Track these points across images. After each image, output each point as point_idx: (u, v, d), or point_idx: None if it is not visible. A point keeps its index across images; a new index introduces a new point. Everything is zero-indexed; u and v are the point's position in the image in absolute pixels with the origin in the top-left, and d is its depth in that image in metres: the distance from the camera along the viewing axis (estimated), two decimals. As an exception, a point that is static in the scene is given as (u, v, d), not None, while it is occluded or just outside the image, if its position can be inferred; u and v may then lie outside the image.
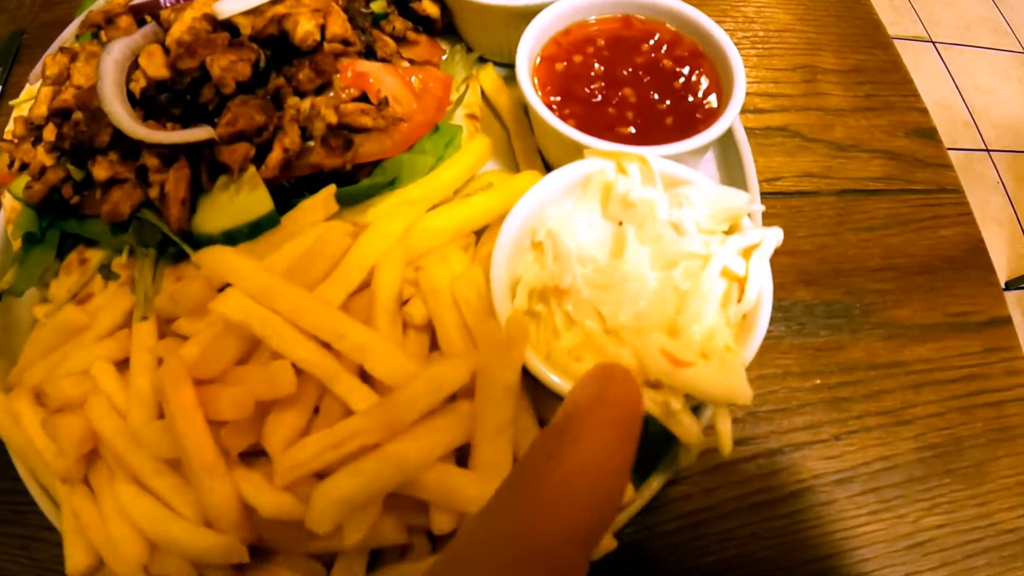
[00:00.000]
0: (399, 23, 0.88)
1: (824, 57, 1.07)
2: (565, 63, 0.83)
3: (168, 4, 0.85)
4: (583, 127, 0.78)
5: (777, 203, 0.94)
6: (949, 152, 1.05)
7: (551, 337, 0.65)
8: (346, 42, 0.81)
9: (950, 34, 2.80)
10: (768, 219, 0.92)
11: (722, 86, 0.83)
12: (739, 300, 0.66)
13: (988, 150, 2.58)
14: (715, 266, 0.65)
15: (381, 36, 0.87)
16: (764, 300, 0.64)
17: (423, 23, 0.90)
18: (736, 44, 1.02)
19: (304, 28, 0.78)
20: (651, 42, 0.85)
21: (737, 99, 0.78)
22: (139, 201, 0.76)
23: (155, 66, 0.80)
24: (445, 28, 0.92)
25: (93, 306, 0.77)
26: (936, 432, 0.83)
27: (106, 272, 0.81)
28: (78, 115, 0.81)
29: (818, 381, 0.85)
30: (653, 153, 0.72)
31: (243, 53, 0.79)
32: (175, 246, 0.75)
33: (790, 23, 1.10)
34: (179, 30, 0.81)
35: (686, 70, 0.83)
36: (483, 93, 0.91)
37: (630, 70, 0.83)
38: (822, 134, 1.01)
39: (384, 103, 0.79)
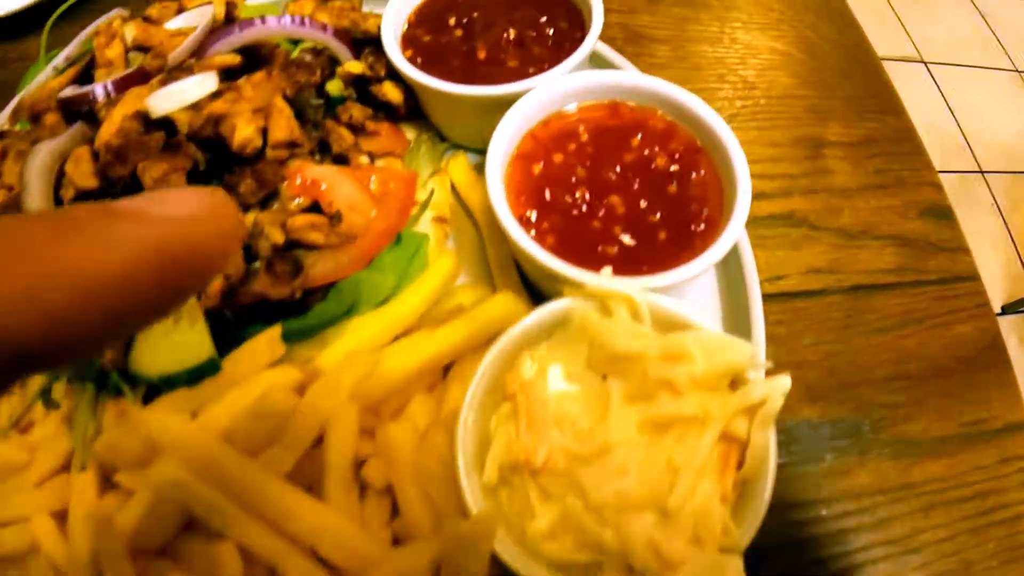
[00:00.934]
0: (357, 111, 0.77)
1: (831, 127, 0.98)
2: (543, 164, 0.72)
3: (99, 96, 0.73)
4: (563, 244, 0.68)
5: (781, 306, 0.85)
6: (942, 176, 0.97)
7: (525, 515, 0.57)
8: (293, 144, 0.70)
9: (941, 53, 2.72)
10: (772, 326, 0.83)
11: (723, 187, 0.73)
12: (738, 465, 0.58)
13: (982, 172, 2.51)
14: (712, 432, 0.57)
15: (336, 127, 0.76)
16: (767, 467, 0.57)
17: (384, 109, 0.79)
18: (735, 114, 0.93)
19: (242, 134, 0.67)
20: (641, 135, 0.75)
21: (741, 209, 0.68)
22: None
23: (82, 174, 0.69)
24: (410, 112, 0.81)
25: (33, 440, 0.70)
26: (945, 559, 0.76)
27: (46, 398, 0.72)
28: None
29: (823, 512, 0.77)
30: (643, 286, 0.63)
31: (178, 161, 0.68)
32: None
33: (793, 87, 1.00)
34: (108, 132, 0.70)
35: (682, 171, 0.73)
36: (453, 188, 0.80)
37: (618, 171, 0.72)
38: (829, 220, 0.91)
39: (338, 217, 0.69)
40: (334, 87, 0.81)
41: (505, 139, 0.71)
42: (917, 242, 0.93)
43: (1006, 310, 2.41)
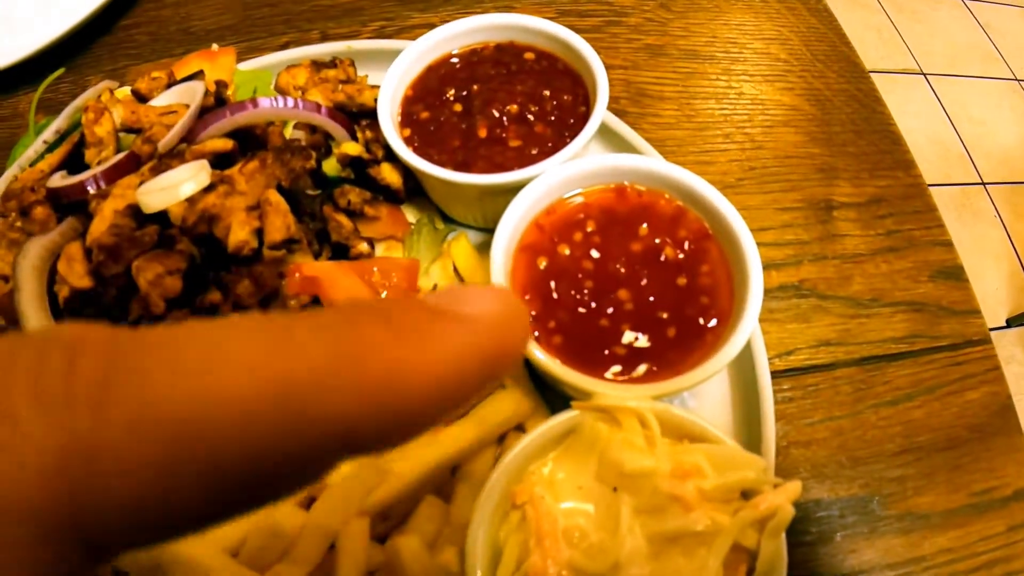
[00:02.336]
0: (355, 195, 0.75)
1: (841, 187, 0.95)
2: (548, 259, 0.70)
3: (89, 189, 0.71)
4: (570, 344, 0.66)
5: (791, 382, 0.83)
6: (944, 188, 0.96)
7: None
8: (291, 241, 0.68)
9: (941, 64, 2.68)
10: (781, 404, 0.82)
11: (733, 275, 0.71)
12: (748, 573, 0.58)
13: (984, 183, 2.49)
14: (722, 546, 0.56)
15: (334, 215, 0.73)
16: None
17: (383, 192, 0.77)
18: (743, 178, 0.91)
19: (237, 238, 0.65)
20: (649, 222, 0.73)
21: (754, 303, 0.67)
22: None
23: (76, 275, 0.67)
24: (410, 193, 0.78)
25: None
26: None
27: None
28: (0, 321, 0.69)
29: (831, 595, 0.76)
30: (653, 394, 0.62)
31: (172, 260, 0.66)
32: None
33: (802, 145, 0.98)
34: (99, 228, 0.68)
35: (692, 260, 0.71)
36: (456, 270, 0.78)
37: (625, 261, 0.70)
38: (840, 289, 0.90)
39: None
40: (331, 166, 0.78)
41: (508, 231, 0.69)
42: (928, 307, 0.91)
43: (1011, 323, 2.40)
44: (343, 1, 1.15)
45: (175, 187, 0.67)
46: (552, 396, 0.70)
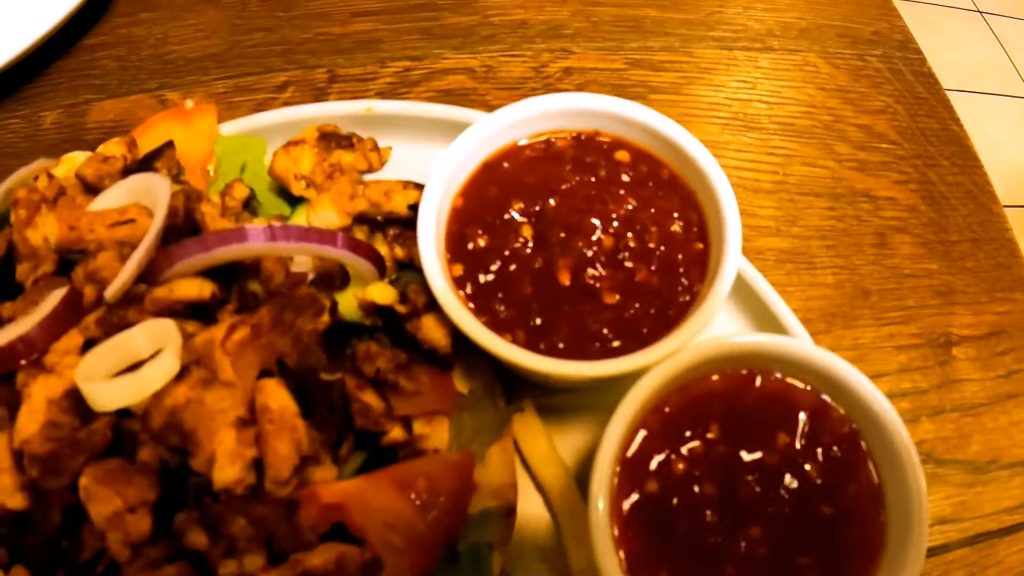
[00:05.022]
0: (384, 360, 0.53)
1: (960, 315, 0.79)
2: (658, 480, 0.51)
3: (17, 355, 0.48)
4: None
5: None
6: None
7: None
8: (305, 461, 0.47)
9: (957, 80, 2.53)
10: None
11: (886, 494, 0.54)
12: None
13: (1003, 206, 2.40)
14: None
15: (358, 394, 0.52)
16: None
17: (424, 353, 0.56)
18: (857, 305, 0.75)
19: (226, 475, 0.43)
20: (787, 427, 0.54)
21: (918, 551, 0.51)
22: None
23: (4, 490, 0.47)
24: (458, 350, 0.57)
25: None
26: None
27: None
28: None
29: None
30: None
31: (135, 488, 0.47)
32: None
33: (920, 259, 0.79)
34: (30, 426, 0.47)
35: (839, 479, 0.54)
36: (518, 450, 0.59)
37: (757, 485, 0.52)
38: (958, 451, 0.75)
39: (375, 565, 0.47)
40: (345, 304, 0.56)
41: (613, 446, 0.50)
42: (1048, 467, 0.78)
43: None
44: (357, 30, 0.91)
45: (131, 383, 0.45)
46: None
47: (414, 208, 0.62)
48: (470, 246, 0.57)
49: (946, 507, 0.73)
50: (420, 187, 0.62)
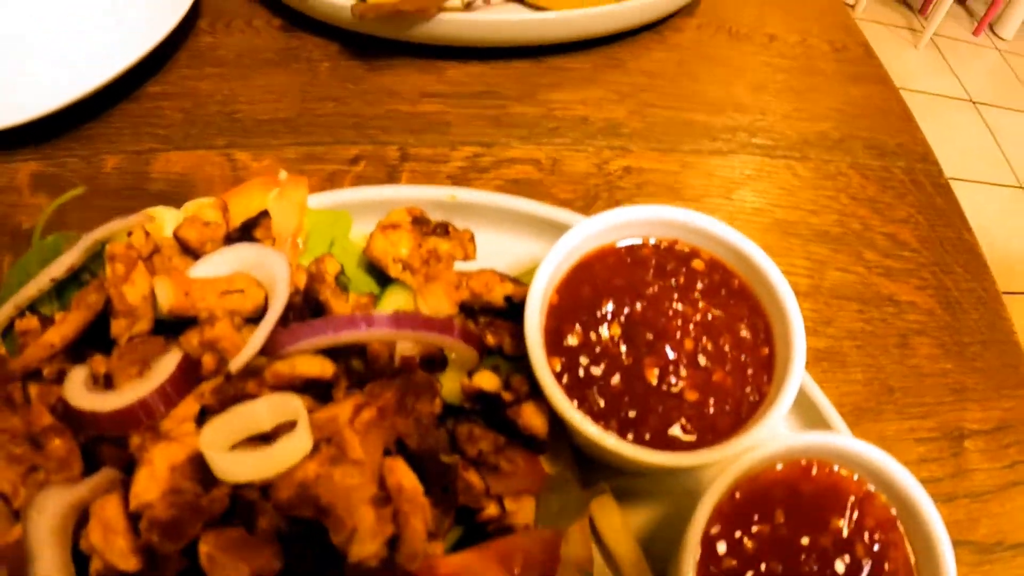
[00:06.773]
0: (487, 443, 0.60)
1: (971, 411, 0.88)
2: (736, 566, 0.58)
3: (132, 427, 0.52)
4: None
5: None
6: None
7: None
8: (431, 536, 0.52)
9: (951, 169, 2.71)
10: None
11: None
12: None
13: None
14: None
15: (464, 474, 0.58)
16: None
17: (522, 438, 0.62)
18: (883, 400, 0.82)
19: (367, 549, 0.49)
20: (836, 514, 0.62)
21: None
22: None
23: (117, 552, 0.50)
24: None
25: None
26: None
27: None
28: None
29: None
30: None
31: (261, 556, 0.49)
32: None
33: (938, 360, 0.88)
34: (150, 490, 0.50)
35: (875, 562, 0.61)
36: (593, 528, 0.65)
37: (815, 559, 0.59)
38: (968, 533, 0.82)
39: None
40: (450, 393, 0.63)
41: (700, 526, 0.57)
42: (1047, 553, 0.86)
43: None
44: (426, 110, 0.97)
45: (268, 450, 0.50)
46: None
47: (508, 299, 0.69)
48: (565, 341, 0.64)
49: (959, 590, 0.80)
50: (514, 280, 0.70)
